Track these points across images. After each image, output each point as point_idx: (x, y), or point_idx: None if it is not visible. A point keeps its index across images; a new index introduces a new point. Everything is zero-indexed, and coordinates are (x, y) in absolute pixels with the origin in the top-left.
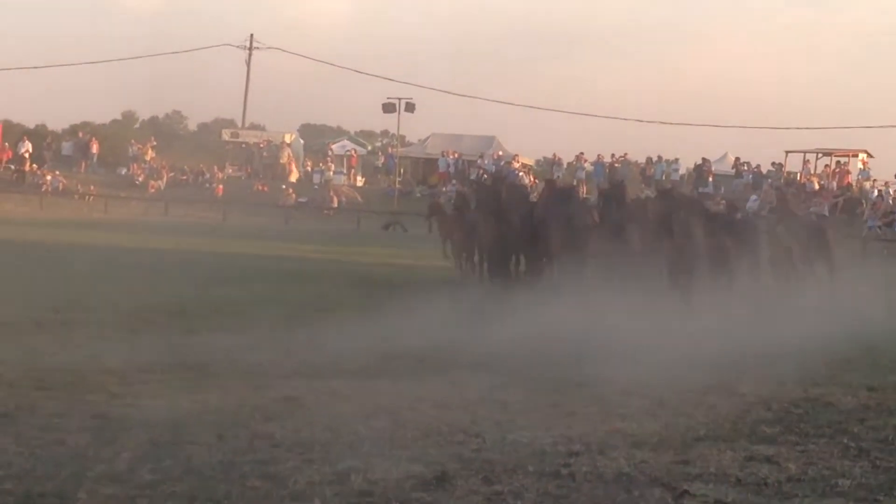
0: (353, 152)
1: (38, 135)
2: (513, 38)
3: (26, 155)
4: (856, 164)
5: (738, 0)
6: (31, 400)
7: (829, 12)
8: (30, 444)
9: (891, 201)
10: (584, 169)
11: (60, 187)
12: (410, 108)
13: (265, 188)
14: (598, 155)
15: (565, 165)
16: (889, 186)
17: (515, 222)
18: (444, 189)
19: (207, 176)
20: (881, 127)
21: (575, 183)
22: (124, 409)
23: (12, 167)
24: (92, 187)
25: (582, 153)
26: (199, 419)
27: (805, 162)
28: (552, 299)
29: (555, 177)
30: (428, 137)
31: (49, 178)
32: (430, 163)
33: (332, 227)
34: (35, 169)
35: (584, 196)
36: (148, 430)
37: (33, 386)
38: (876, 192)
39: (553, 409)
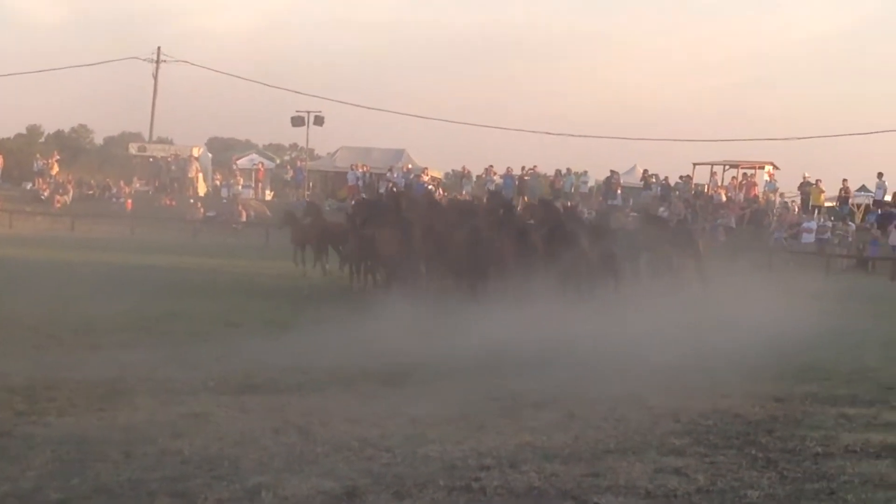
0: (260, 166)
1: None
2: (423, 50)
3: None
4: (762, 177)
5: (647, 12)
6: None
7: (737, 26)
8: None
9: (796, 213)
10: (493, 182)
11: None
12: (319, 121)
13: (173, 202)
14: (508, 168)
15: (475, 178)
16: (794, 198)
17: (415, 234)
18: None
19: (114, 190)
20: (787, 139)
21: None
22: (30, 427)
23: None
24: None
25: (491, 166)
26: (106, 436)
27: (712, 174)
28: (458, 311)
29: (463, 191)
30: (337, 150)
31: None
32: (340, 176)
33: (241, 242)
34: None
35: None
36: (54, 448)
37: None
38: (779, 203)
39: (463, 422)
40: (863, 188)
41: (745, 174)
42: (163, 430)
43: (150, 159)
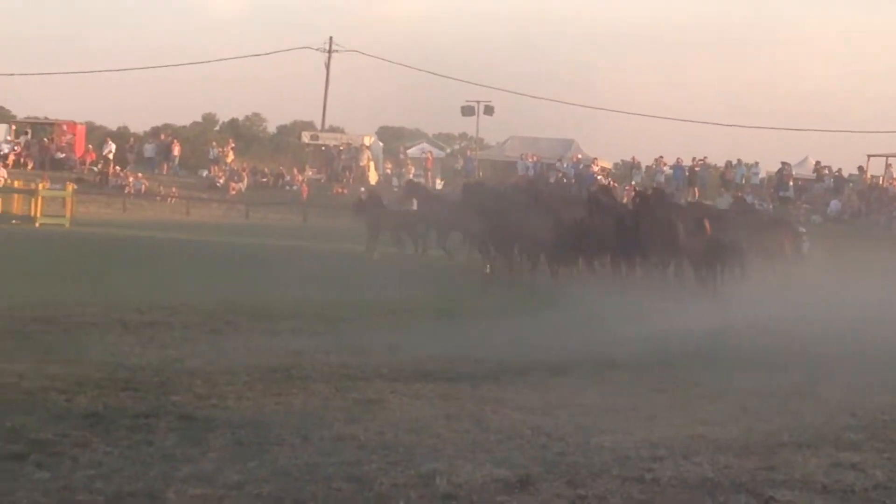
0: (429, 155)
1: (121, 137)
2: (593, 39)
3: (110, 157)
4: None
5: (820, 2)
6: (118, 400)
7: None
8: (119, 444)
9: None
10: (663, 172)
11: (143, 189)
12: (489, 110)
13: (345, 191)
14: (678, 158)
15: (644, 169)
16: None
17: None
18: None
19: (287, 178)
20: None
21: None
22: (210, 411)
23: (96, 169)
24: (174, 189)
25: (661, 157)
26: (283, 420)
27: (888, 165)
28: (623, 300)
29: (633, 181)
30: (507, 140)
31: (132, 180)
32: (509, 166)
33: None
34: (118, 171)
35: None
36: (234, 431)
37: (120, 387)
38: None
39: (634, 412)
40: None
41: None
42: (338, 416)
43: (323, 148)
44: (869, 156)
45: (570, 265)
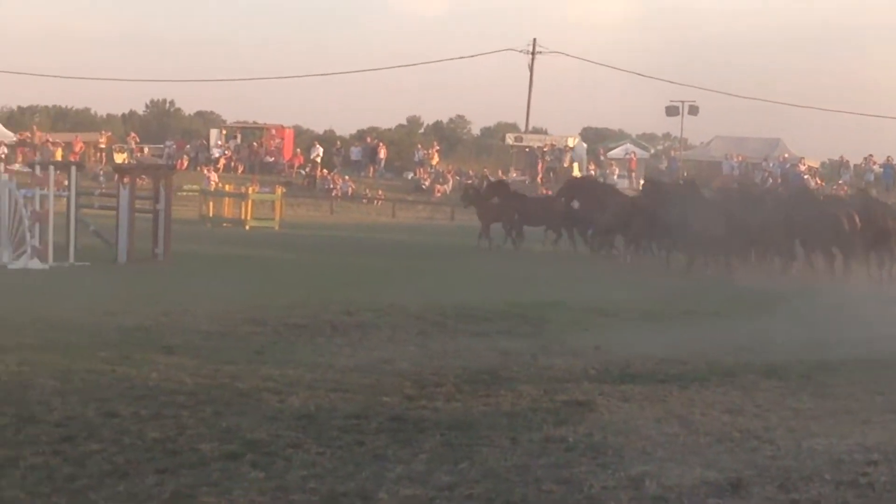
0: (633, 156)
1: (328, 140)
2: (796, 37)
3: (317, 160)
4: None
5: None
6: (330, 401)
7: None
8: (331, 445)
9: None
10: (872, 171)
11: (349, 192)
12: (694, 110)
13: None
14: (888, 157)
15: (852, 168)
16: None
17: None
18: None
19: (493, 180)
20: None
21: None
22: (420, 412)
23: (304, 172)
24: (380, 192)
25: (871, 155)
26: (492, 422)
27: None
28: (838, 302)
29: (840, 181)
30: (711, 140)
31: (339, 182)
32: (714, 166)
33: None
34: (325, 174)
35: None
36: (443, 433)
37: (331, 388)
38: None
39: (847, 416)
40: None
41: None
42: (546, 418)
43: (527, 149)
44: None
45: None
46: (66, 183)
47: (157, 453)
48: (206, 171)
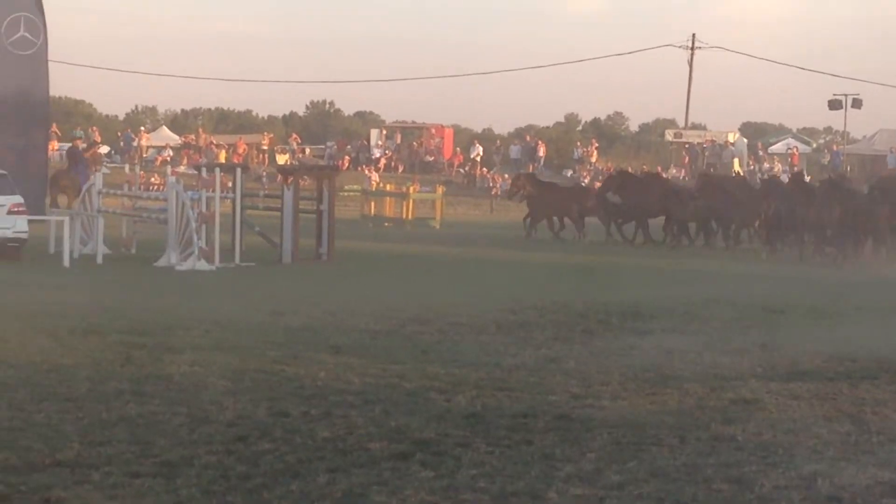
0: (794, 150)
1: (487, 139)
2: None
3: (477, 159)
4: None
5: None
6: (496, 400)
7: None
8: (499, 444)
9: None
10: None
11: None
12: (857, 104)
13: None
14: None
15: None
16: None
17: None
18: None
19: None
20: None
21: None
22: (586, 410)
23: (463, 171)
24: None
25: None
26: (659, 420)
27: None
28: None
29: None
30: (875, 133)
31: (499, 181)
32: (878, 160)
33: None
34: (485, 173)
35: None
36: (610, 431)
37: (497, 387)
38: None
39: None
40: None
41: None
42: (714, 416)
43: (686, 145)
44: None
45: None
46: (230, 184)
47: (327, 452)
48: (366, 171)
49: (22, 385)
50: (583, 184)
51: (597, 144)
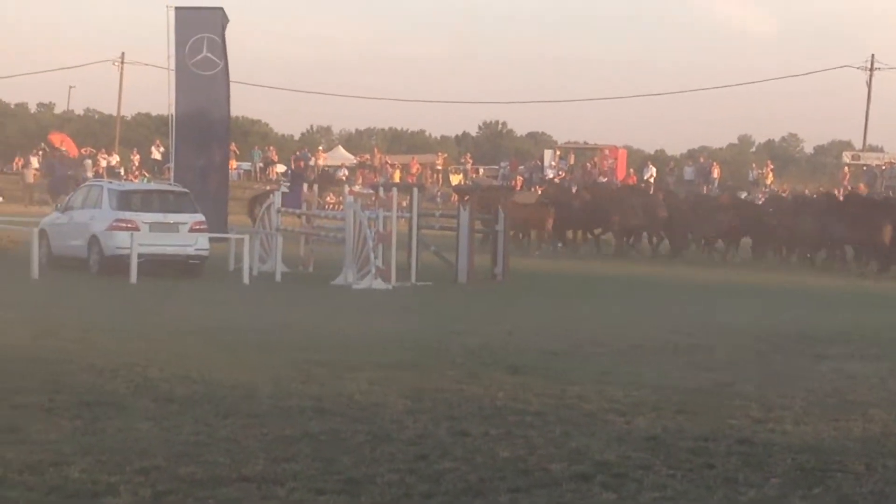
0: None
1: (659, 160)
2: None
3: (651, 180)
4: None
5: None
6: (676, 424)
7: None
8: (680, 468)
9: None
10: None
11: None
12: None
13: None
14: None
15: None
16: None
17: None
18: None
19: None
20: None
21: None
22: (768, 435)
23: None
24: None
25: None
26: (843, 447)
27: None
28: None
29: None
30: None
31: None
32: None
33: None
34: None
35: None
36: (794, 457)
37: (676, 410)
38: None
39: None
40: None
41: None
42: None
43: (864, 167)
44: None
45: None
46: (404, 204)
47: (508, 472)
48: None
49: (206, 401)
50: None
51: (772, 166)
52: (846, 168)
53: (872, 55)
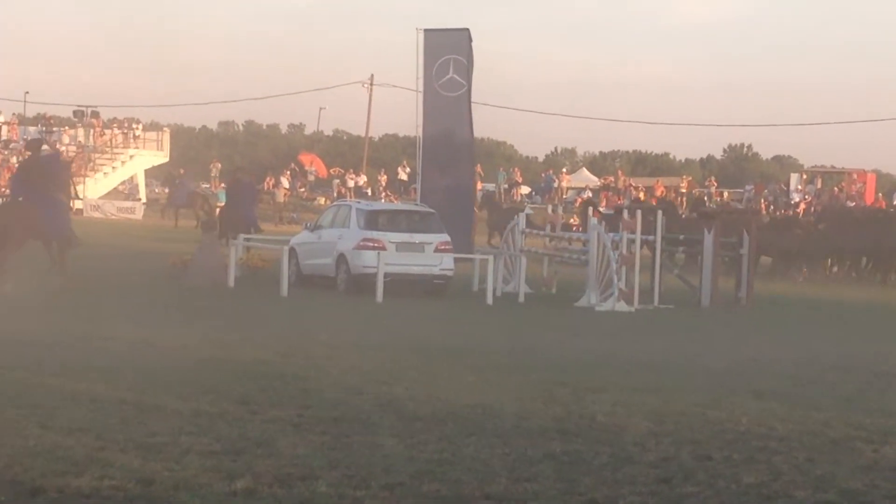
0: None
1: None
2: None
3: None
4: None
5: None
6: None
7: None
8: None
9: None
10: None
11: None
12: None
13: None
14: None
15: None
16: None
17: None
18: None
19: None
20: None
21: None
22: None
23: None
24: None
25: None
26: None
27: None
28: None
29: None
30: None
31: None
32: None
33: None
34: None
35: None
36: None
37: None
38: None
39: None
40: None
41: None
42: None
43: None
44: None
45: None
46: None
47: (751, 498)
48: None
49: (451, 419)
50: None
51: None
52: None
53: None
